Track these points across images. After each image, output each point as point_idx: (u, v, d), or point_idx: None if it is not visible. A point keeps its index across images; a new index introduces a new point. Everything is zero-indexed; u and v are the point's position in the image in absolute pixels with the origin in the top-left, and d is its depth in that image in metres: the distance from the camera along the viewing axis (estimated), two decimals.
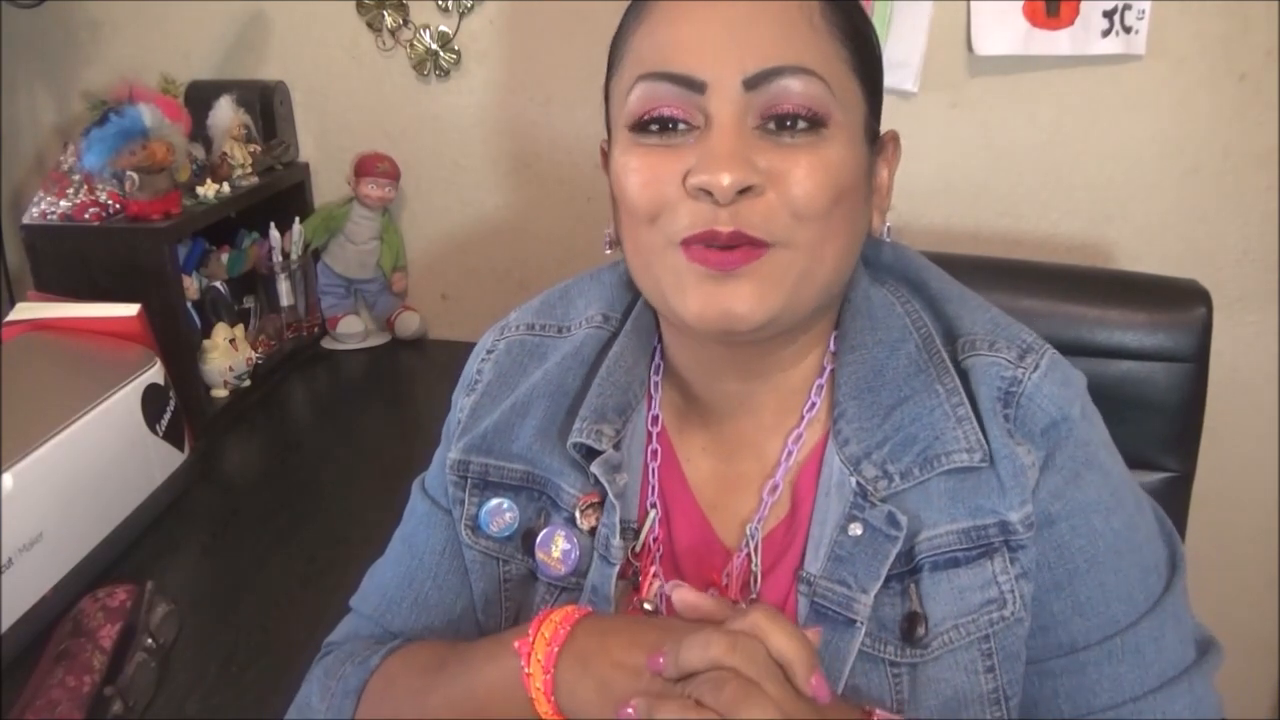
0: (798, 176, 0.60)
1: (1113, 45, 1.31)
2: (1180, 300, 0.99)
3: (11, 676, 0.90)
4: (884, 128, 0.69)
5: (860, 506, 0.65)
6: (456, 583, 0.76)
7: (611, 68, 0.67)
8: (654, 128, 0.62)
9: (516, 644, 0.62)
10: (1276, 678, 1.55)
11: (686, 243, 0.61)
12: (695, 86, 0.60)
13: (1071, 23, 1.32)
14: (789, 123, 0.60)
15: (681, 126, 0.62)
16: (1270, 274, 1.38)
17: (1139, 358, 0.97)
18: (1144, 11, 1.29)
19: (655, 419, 0.74)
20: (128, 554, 1.11)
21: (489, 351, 0.79)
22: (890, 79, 1.38)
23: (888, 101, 0.70)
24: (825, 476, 0.67)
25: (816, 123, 0.61)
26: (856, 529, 0.65)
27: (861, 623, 0.63)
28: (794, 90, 0.60)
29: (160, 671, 0.93)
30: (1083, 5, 1.30)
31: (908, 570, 0.64)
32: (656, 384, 0.75)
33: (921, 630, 0.63)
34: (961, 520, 0.64)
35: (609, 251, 0.71)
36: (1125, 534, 0.66)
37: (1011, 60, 1.35)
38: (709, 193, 0.59)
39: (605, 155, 0.70)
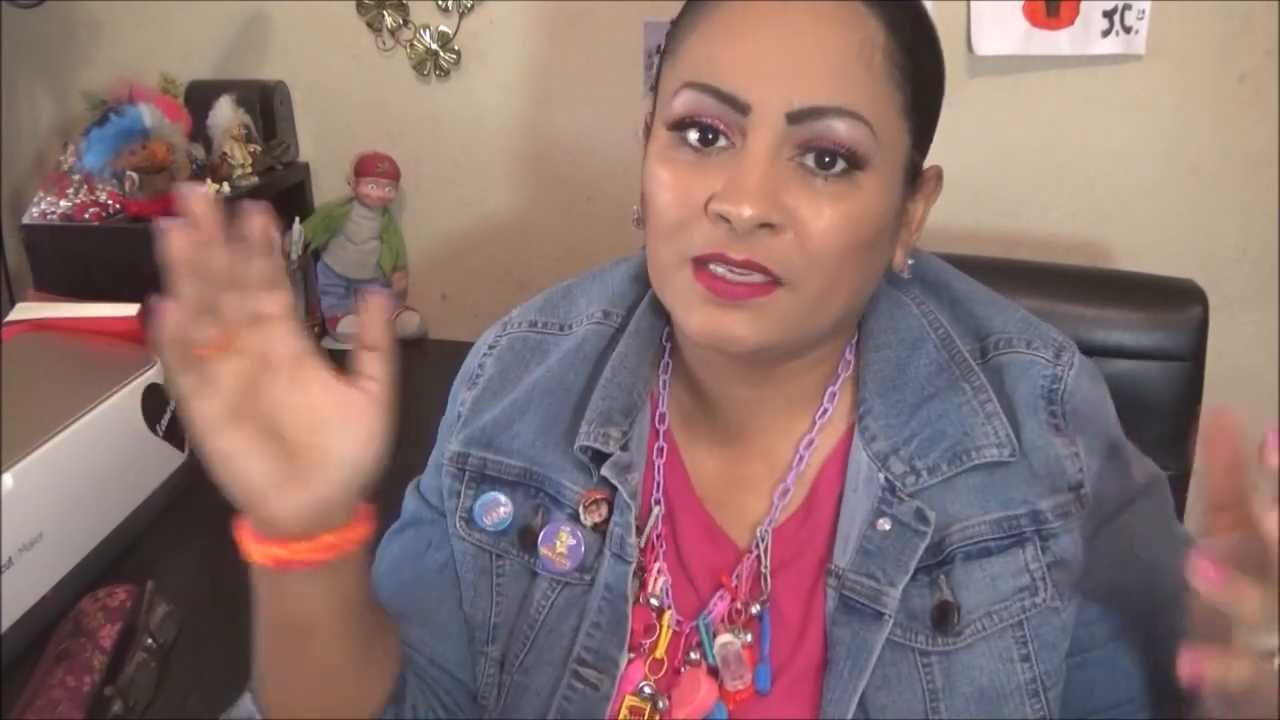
0: (820, 225, 0.59)
1: (1113, 45, 1.31)
2: (1176, 299, 0.99)
3: (11, 676, 0.90)
4: None
5: (889, 502, 0.66)
6: (441, 580, 0.76)
7: (667, 53, 0.66)
8: (693, 135, 0.61)
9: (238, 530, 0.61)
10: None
11: (697, 262, 0.61)
12: (739, 107, 0.59)
13: (1071, 23, 1.32)
14: (827, 159, 0.59)
15: (721, 141, 0.61)
16: (1269, 274, 1.38)
17: (1136, 357, 0.97)
18: (1144, 11, 1.29)
19: (662, 417, 0.74)
20: (128, 554, 1.11)
21: (490, 347, 0.79)
22: None
23: None
24: (852, 473, 0.68)
25: (854, 165, 0.60)
26: (885, 524, 0.65)
27: (889, 615, 0.64)
28: (837, 131, 0.59)
29: (160, 671, 0.93)
30: (1083, 5, 1.31)
31: (937, 562, 0.65)
32: (665, 381, 0.75)
33: (954, 618, 0.64)
34: (994, 512, 0.65)
35: (637, 228, 0.71)
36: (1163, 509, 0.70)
37: (1011, 60, 1.35)
38: (728, 220, 0.59)
39: (648, 128, 0.70)
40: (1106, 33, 1.31)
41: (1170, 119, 1.35)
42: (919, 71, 0.63)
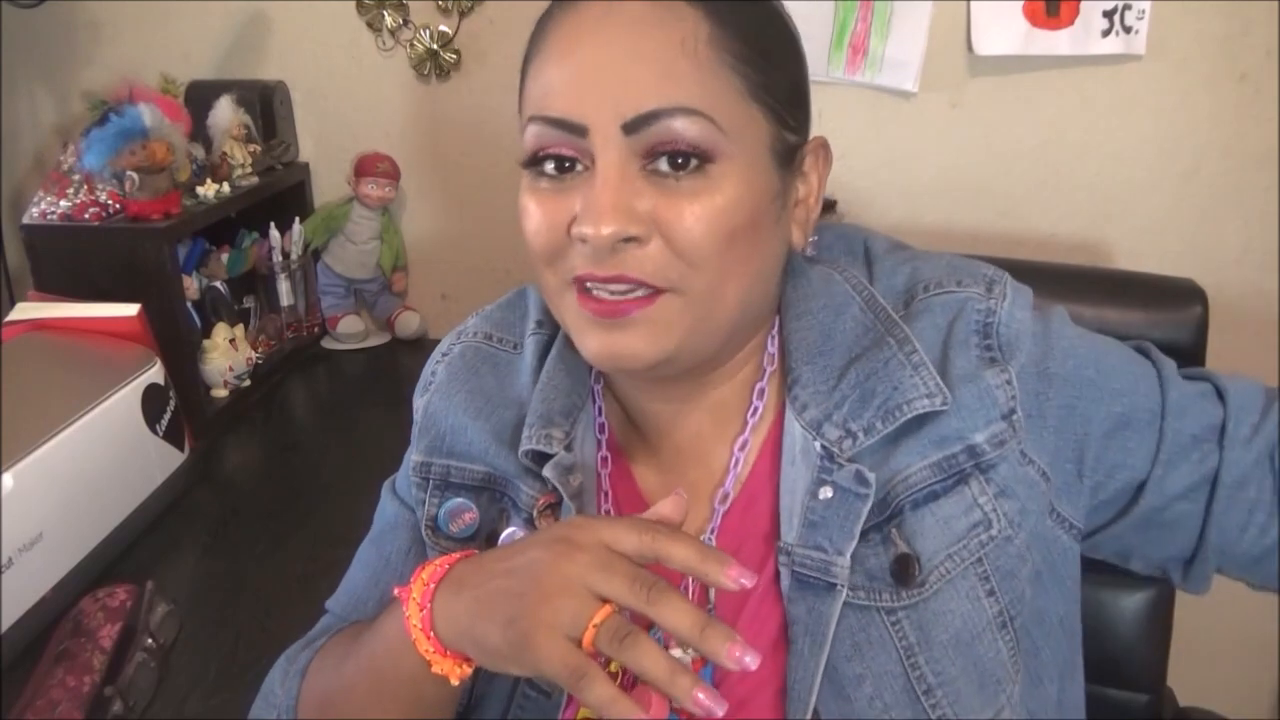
0: (685, 224, 0.60)
1: (1113, 45, 1.31)
2: (1176, 299, 0.99)
3: (11, 676, 0.90)
4: (882, 127, 0.69)
5: (828, 469, 0.65)
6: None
7: (520, 95, 0.67)
8: (550, 166, 0.63)
9: (397, 591, 0.62)
10: (1276, 678, 1.55)
11: (578, 282, 0.62)
12: (576, 130, 0.60)
13: (1071, 23, 1.32)
14: (679, 160, 0.60)
15: (578, 167, 0.62)
16: (1270, 274, 1.38)
17: None
18: (1144, 11, 1.29)
19: (602, 427, 0.74)
20: (128, 554, 1.11)
21: (444, 354, 0.80)
22: (890, 79, 1.39)
23: (889, 101, 0.70)
24: (788, 445, 0.67)
25: (703, 159, 0.60)
26: (827, 492, 0.65)
27: (842, 585, 0.63)
28: (676, 130, 0.59)
29: (160, 671, 0.93)
30: (1083, 5, 1.30)
31: (885, 518, 0.65)
32: (599, 391, 0.75)
33: (915, 569, 0.63)
34: (931, 455, 0.65)
35: None
36: (1099, 339, 0.72)
37: (1011, 60, 1.35)
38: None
39: None
40: (1106, 33, 1.31)
41: (1170, 119, 1.35)
42: (759, 53, 0.62)
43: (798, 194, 0.68)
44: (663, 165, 0.60)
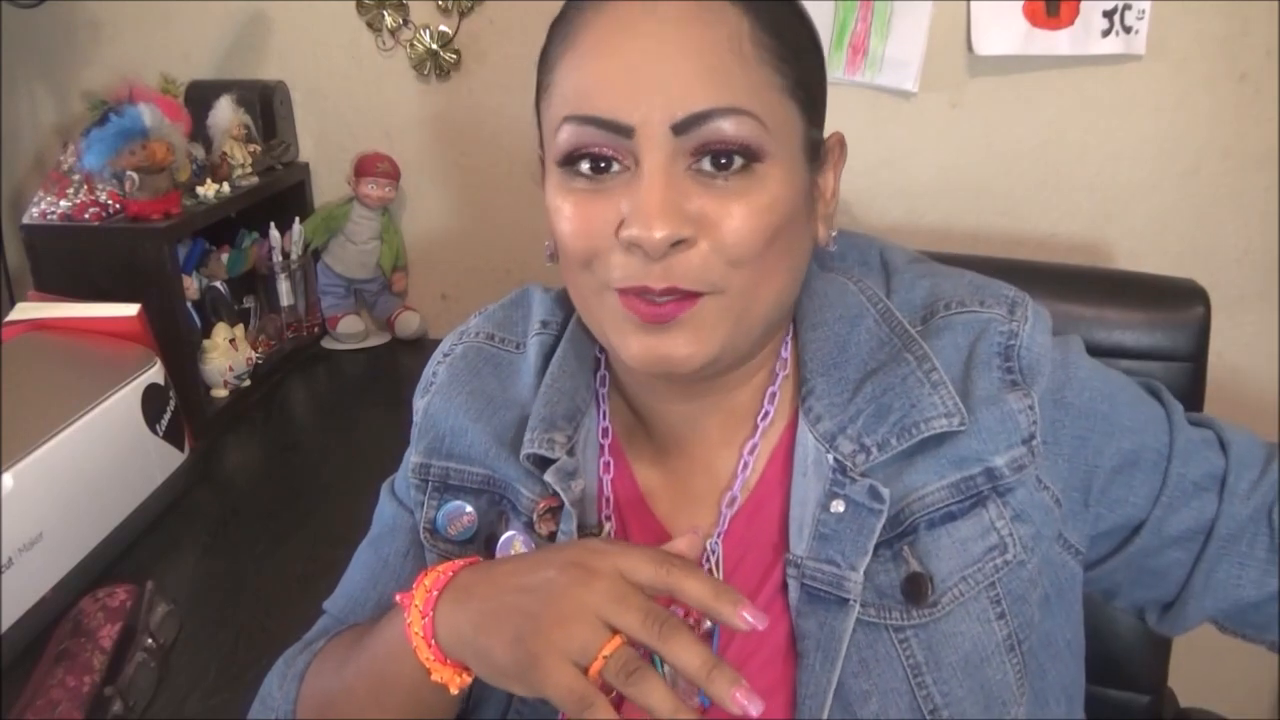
0: (732, 225, 0.59)
1: (1113, 45, 1.31)
2: (1178, 299, 0.99)
3: (11, 676, 0.90)
4: (882, 127, 0.69)
5: (840, 483, 0.64)
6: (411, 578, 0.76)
7: (540, 89, 0.66)
8: (585, 166, 0.61)
9: (399, 597, 0.62)
10: (1277, 678, 1.55)
11: (622, 291, 0.61)
12: (623, 131, 0.59)
13: (1071, 23, 1.32)
14: (723, 160, 0.59)
15: (615, 167, 0.61)
16: (1270, 274, 1.38)
17: (1137, 357, 0.97)
18: (1144, 11, 1.29)
19: (605, 431, 0.73)
20: (128, 554, 1.11)
21: (445, 355, 0.79)
22: (890, 79, 1.39)
23: (889, 101, 0.69)
24: (800, 456, 0.67)
25: (751, 158, 0.59)
26: (839, 506, 0.64)
27: (854, 601, 0.63)
28: (726, 131, 0.58)
29: (160, 671, 0.93)
30: (1083, 5, 1.30)
31: (898, 534, 0.64)
32: (603, 395, 0.74)
33: (928, 589, 0.63)
34: (949, 475, 0.65)
35: (550, 264, 0.70)
36: (1114, 375, 0.72)
37: (1011, 60, 1.35)
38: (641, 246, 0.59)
39: (544, 167, 0.69)
40: (1106, 33, 1.31)
41: (1170, 119, 1.35)
42: (792, 49, 0.62)
43: (820, 189, 0.68)
44: (706, 165, 0.59)
